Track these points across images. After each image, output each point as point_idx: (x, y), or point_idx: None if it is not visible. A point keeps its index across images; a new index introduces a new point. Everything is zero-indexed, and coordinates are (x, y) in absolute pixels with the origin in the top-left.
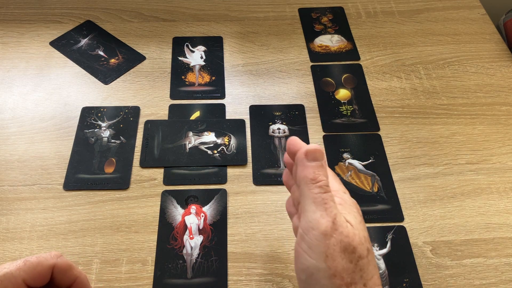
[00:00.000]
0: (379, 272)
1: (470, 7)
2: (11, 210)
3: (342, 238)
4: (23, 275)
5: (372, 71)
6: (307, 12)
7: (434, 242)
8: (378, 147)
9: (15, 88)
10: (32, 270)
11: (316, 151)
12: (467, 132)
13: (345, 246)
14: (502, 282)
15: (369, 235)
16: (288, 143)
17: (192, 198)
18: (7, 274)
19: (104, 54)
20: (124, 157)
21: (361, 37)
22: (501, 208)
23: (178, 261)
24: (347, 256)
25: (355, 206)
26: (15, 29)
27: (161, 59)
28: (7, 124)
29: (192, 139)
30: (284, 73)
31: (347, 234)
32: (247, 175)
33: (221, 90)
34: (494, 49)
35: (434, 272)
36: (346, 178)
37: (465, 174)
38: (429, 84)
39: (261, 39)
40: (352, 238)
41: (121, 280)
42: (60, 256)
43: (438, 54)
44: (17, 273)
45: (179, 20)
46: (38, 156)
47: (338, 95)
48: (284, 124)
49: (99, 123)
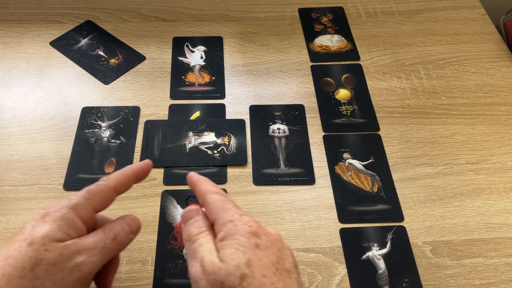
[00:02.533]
0: (379, 272)
1: (470, 7)
2: (11, 210)
3: (209, 277)
4: (92, 202)
5: (372, 71)
6: (307, 12)
7: (434, 242)
8: (378, 147)
9: (15, 88)
10: (97, 197)
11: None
12: (467, 132)
13: (213, 283)
14: (502, 282)
15: (369, 235)
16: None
17: (192, 198)
18: (78, 203)
19: (104, 54)
20: (124, 157)
21: (361, 37)
22: (501, 208)
23: (178, 261)
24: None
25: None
26: (15, 29)
27: (161, 59)
28: (7, 124)
29: (192, 139)
30: (284, 73)
31: (213, 271)
32: (247, 175)
33: (221, 90)
34: (494, 49)
35: (434, 272)
36: (346, 178)
37: (465, 174)
38: (429, 84)
39: (261, 39)
40: (218, 273)
41: (121, 280)
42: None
43: (438, 54)
44: (86, 201)
45: (179, 20)
46: (38, 156)
47: (338, 95)
48: (284, 124)
49: (99, 123)
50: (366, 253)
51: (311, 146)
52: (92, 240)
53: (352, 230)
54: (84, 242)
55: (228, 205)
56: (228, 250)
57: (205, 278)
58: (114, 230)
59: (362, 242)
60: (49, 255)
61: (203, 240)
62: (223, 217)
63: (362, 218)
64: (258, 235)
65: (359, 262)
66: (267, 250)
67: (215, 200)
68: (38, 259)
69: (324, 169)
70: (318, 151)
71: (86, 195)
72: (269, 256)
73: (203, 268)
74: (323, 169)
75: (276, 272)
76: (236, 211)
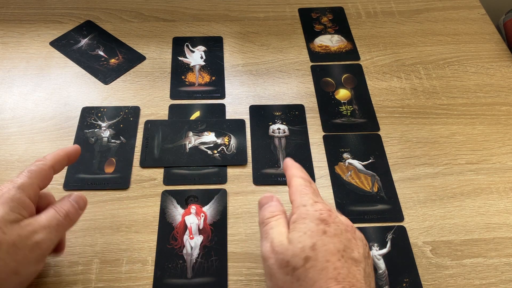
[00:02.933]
0: (379, 272)
1: (470, 7)
2: None
3: (277, 256)
4: (35, 181)
5: (372, 71)
6: (307, 12)
7: (434, 242)
8: (378, 147)
9: (15, 88)
10: (40, 175)
11: (260, 200)
12: (467, 132)
13: (280, 262)
14: (502, 282)
15: (369, 235)
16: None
17: (192, 198)
18: (24, 183)
19: (104, 54)
20: (124, 157)
21: (361, 37)
22: (501, 208)
23: (178, 261)
24: (283, 271)
25: (314, 218)
26: (15, 29)
27: (161, 59)
28: (7, 124)
29: (192, 139)
30: (284, 73)
31: (281, 252)
32: (247, 175)
33: (221, 90)
34: (494, 49)
35: (434, 272)
36: (346, 178)
37: (465, 174)
38: (429, 84)
39: (261, 39)
40: (285, 254)
41: (121, 280)
42: (46, 158)
43: (438, 54)
44: (31, 181)
45: (179, 20)
46: (38, 156)
47: (338, 95)
48: (284, 124)
49: (99, 123)
50: None
51: (311, 146)
52: (46, 219)
53: None
54: (38, 221)
55: (307, 190)
56: (297, 233)
57: (273, 257)
58: (65, 207)
59: None
60: (7, 237)
61: (274, 223)
62: (299, 200)
63: (362, 218)
64: (328, 223)
65: None
66: (335, 238)
67: (297, 184)
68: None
69: (324, 169)
70: (318, 151)
71: (29, 174)
72: (336, 243)
73: (272, 248)
74: (323, 169)
75: (341, 259)
76: (312, 197)
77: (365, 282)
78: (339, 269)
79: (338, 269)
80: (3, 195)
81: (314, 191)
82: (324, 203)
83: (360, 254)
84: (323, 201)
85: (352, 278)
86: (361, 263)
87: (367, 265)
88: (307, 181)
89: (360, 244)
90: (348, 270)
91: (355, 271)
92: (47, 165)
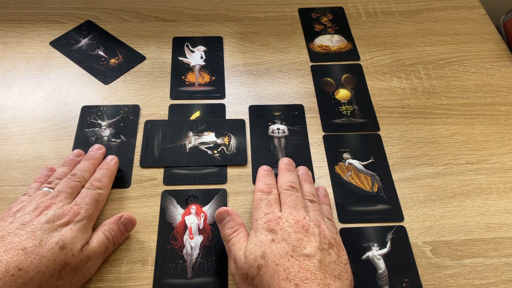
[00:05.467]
0: (379, 272)
1: (470, 7)
2: None
3: (239, 271)
4: (99, 211)
5: (372, 71)
6: (307, 12)
7: (434, 242)
8: (378, 147)
9: (15, 88)
10: (101, 204)
11: (216, 216)
12: (467, 132)
13: (241, 276)
14: (502, 282)
15: (369, 235)
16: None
17: (192, 198)
18: (93, 215)
19: (104, 54)
20: (124, 156)
21: (361, 37)
22: (501, 208)
23: (178, 261)
24: (245, 283)
25: (263, 230)
26: (15, 29)
27: (161, 59)
28: (7, 124)
29: (192, 139)
30: (284, 73)
31: (240, 266)
32: (247, 175)
33: (221, 90)
34: (494, 49)
35: (434, 272)
36: (346, 178)
37: (465, 174)
38: (429, 84)
39: (261, 39)
40: (243, 267)
41: (121, 280)
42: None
43: (438, 54)
44: (97, 211)
45: (179, 20)
46: (38, 156)
47: (338, 95)
48: (284, 124)
49: (99, 122)
50: (366, 253)
51: (311, 146)
52: (98, 246)
53: (352, 230)
54: (93, 248)
55: (260, 204)
56: (249, 245)
57: (238, 273)
58: (113, 233)
59: (362, 242)
60: (74, 260)
61: (235, 239)
62: (254, 214)
63: (362, 218)
64: (275, 232)
65: (359, 262)
66: (282, 242)
67: (255, 198)
68: (66, 263)
69: (324, 169)
70: (318, 151)
71: (96, 205)
72: (284, 247)
73: (235, 264)
74: (323, 169)
75: (290, 259)
76: (264, 210)
77: (322, 271)
78: (289, 268)
79: (289, 268)
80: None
81: (269, 202)
82: (274, 212)
83: (313, 248)
84: (274, 210)
85: (305, 272)
86: (314, 256)
87: (327, 255)
88: (264, 193)
89: (313, 240)
90: (300, 266)
91: (308, 265)
92: (106, 194)
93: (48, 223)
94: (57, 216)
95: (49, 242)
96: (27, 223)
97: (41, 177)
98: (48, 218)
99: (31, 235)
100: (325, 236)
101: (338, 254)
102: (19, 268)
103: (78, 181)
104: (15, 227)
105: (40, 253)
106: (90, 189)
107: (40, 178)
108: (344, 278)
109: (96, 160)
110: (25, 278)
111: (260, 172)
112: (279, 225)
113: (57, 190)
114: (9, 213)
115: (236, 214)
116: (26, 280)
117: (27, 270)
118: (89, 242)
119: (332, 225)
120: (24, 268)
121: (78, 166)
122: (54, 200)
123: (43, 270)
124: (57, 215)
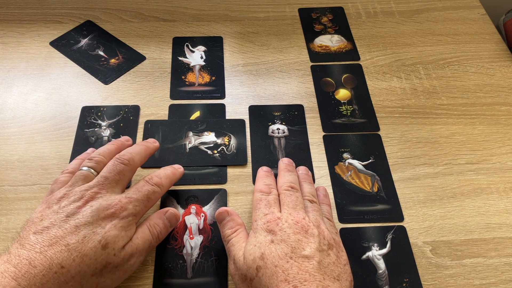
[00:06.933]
0: (379, 272)
1: (470, 7)
2: (11, 210)
3: (238, 272)
4: (147, 209)
5: (372, 71)
6: (307, 12)
7: (434, 242)
8: (378, 147)
9: (15, 88)
10: (153, 203)
11: (216, 216)
12: (467, 132)
13: (240, 277)
14: (502, 282)
15: (369, 235)
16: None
17: (192, 198)
18: (140, 212)
19: (104, 54)
20: None
21: (361, 37)
22: (501, 208)
23: (178, 261)
24: (244, 284)
25: (262, 231)
26: (15, 29)
27: (161, 59)
28: (7, 124)
29: (192, 139)
30: (284, 73)
31: (239, 267)
32: (247, 175)
33: (221, 90)
34: (494, 49)
35: (434, 272)
36: (346, 178)
37: (465, 174)
38: (429, 84)
39: (261, 39)
40: (242, 268)
41: None
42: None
43: (438, 54)
44: (146, 209)
45: (179, 20)
46: (38, 156)
47: (338, 95)
48: (284, 124)
49: (99, 122)
50: (366, 253)
51: (311, 146)
52: (142, 242)
53: (352, 230)
54: (136, 245)
55: (260, 205)
56: (248, 246)
57: (237, 274)
58: (158, 228)
59: (362, 242)
60: (115, 259)
61: (235, 239)
62: (254, 215)
63: (362, 218)
64: (274, 232)
65: (359, 262)
66: (281, 243)
67: (254, 199)
68: (108, 262)
69: (324, 169)
70: (318, 151)
71: (147, 202)
72: (283, 248)
73: (235, 265)
74: (323, 169)
75: (289, 260)
76: (263, 210)
77: (321, 273)
78: (288, 270)
79: (287, 270)
80: (121, 220)
81: (268, 202)
82: (274, 213)
83: (312, 249)
84: (274, 211)
85: (304, 274)
86: (313, 257)
87: (326, 256)
88: (264, 193)
89: (313, 241)
90: (299, 268)
91: (307, 266)
92: (161, 193)
93: (93, 216)
94: (102, 209)
95: (92, 240)
96: (72, 215)
97: (83, 156)
98: (93, 210)
99: (75, 230)
100: (324, 237)
101: (338, 255)
102: (62, 266)
103: (127, 164)
104: (60, 219)
105: (83, 251)
106: (148, 183)
107: (81, 157)
108: (344, 279)
109: (149, 149)
110: (67, 276)
111: (259, 173)
112: (278, 225)
113: (103, 176)
114: (53, 199)
115: (236, 214)
116: (68, 279)
117: (69, 269)
118: (132, 239)
119: (332, 225)
120: (66, 266)
121: (128, 148)
122: (100, 189)
123: (84, 269)
124: (103, 208)
